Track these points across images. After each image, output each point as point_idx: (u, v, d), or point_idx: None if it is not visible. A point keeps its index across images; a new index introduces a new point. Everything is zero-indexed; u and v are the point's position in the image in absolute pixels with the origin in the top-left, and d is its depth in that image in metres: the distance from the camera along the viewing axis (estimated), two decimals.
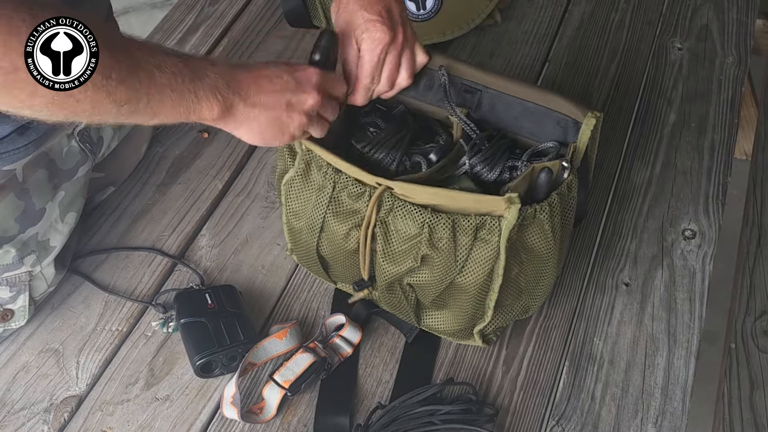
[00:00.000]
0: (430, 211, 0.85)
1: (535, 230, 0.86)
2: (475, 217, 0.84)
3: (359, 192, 0.88)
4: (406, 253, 0.88)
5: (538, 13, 1.47)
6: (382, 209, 0.87)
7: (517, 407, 0.96)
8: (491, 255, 0.85)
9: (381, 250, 0.89)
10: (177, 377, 0.98)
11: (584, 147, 0.90)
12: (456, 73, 0.98)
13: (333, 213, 0.90)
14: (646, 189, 1.19)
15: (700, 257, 1.10)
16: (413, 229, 0.86)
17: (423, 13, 1.36)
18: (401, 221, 0.86)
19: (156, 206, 1.16)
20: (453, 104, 0.96)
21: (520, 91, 0.96)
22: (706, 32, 1.43)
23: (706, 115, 1.29)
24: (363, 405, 0.96)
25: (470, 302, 0.90)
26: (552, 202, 0.86)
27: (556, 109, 0.94)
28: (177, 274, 1.09)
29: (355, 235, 0.90)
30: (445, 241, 0.85)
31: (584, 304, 1.06)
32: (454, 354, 1.00)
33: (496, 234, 0.84)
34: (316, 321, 1.04)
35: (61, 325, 1.03)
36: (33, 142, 0.91)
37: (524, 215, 0.83)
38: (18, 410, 0.96)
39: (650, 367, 1.00)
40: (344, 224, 0.90)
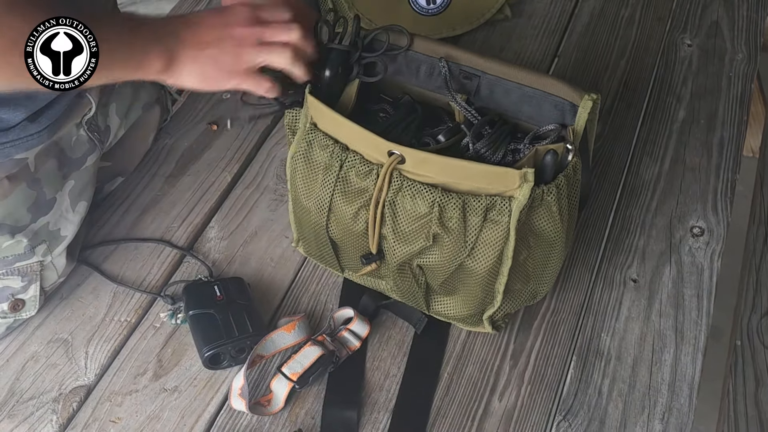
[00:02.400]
0: (441, 191, 0.84)
1: (543, 213, 0.86)
2: (485, 197, 0.84)
3: (367, 170, 0.87)
4: (417, 233, 0.87)
5: (547, 9, 1.46)
6: (390, 189, 0.86)
7: (525, 402, 0.96)
8: (501, 237, 0.85)
9: (391, 230, 0.89)
10: (185, 369, 0.99)
11: (582, 130, 0.90)
12: (455, 60, 0.98)
13: (341, 192, 0.89)
14: (655, 185, 1.19)
15: (708, 254, 1.10)
16: (423, 208, 0.85)
17: (433, 8, 1.36)
18: (410, 201, 0.86)
19: (165, 198, 1.16)
20: (453, 92, 0.96)
21: (518, 76, 0.96)
22: (716, 29, 1.43)
23: (716, 112, 1.29)
24: (371, 398, 0.96)
25: (479, 286, 0.90)
26: (559, 184, 0.85)
27: (553, 93, 0.94)
28: (186, 265, 1.09)
29: (363, 215, 0.90)
30: (455, 221, 0.85)
31: (592, 300, 1.06)
32: (462, 348, 1.01)
33: (506, 215, 0.84)
34: (324, 314, 1.04)
35: (70, 316, 1.03)
36: (46, 129, 0.91)
37: (533, 196, 0.83)
38: (27, 400, 0.96)
39: (657, 363, 1.00)
40: (352, 205, 0.89)
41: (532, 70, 0.96)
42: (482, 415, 0.95)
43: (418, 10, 1.36)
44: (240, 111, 1.27)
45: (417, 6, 1.36)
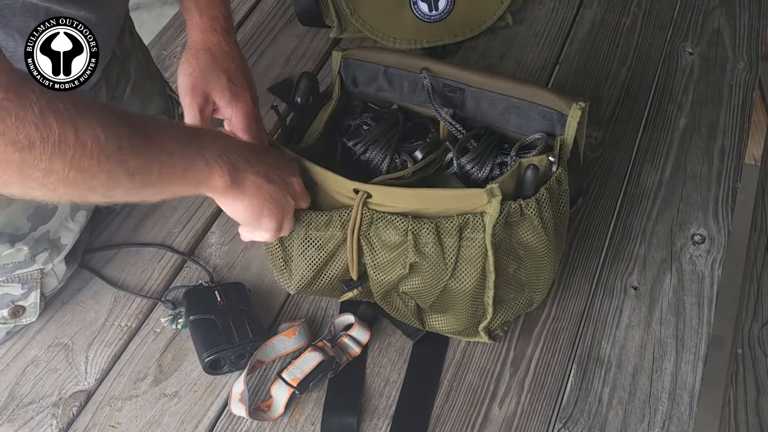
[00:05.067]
0: (411, 218, 0.84)
1: (525, 227, 0.85)
2: (457, 217, 0.84)
3: (326, 220, 0.89)
4: (393, 262, 0.88)
5: (549, 16, 1.47)
6: (363, 223, 0.87)
7: (525, 409, 0.96)
8: (480, 253, 0.85)
9: (369, 261, 0.89)
10: (185, 374, 0.99)
11: (572, 140, 0.90)
12: (437, 74, 0.98)
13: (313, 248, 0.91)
14: (656, 193, 1.19)
15: (708, 262, 1.10)
16: (396, 237, 0.86)
17: (435, 14, 1.37)
18: (384, 231, 0.86)
19: (166, 203, 1.17)
20: (437, 106, 0.96)
21: (503, 87, 0.96)
22: (717, 37, 1.43)
23: (717, 120, 1.29)
24: (371, 405, 0.96)
25: (468, 302, 0.90)
26: (540, 198, 0.85)
27: (540, 103, 0.94)
28: (186, 270, 1.09)
29: (338, 258, 0.91)
30: (431, 246, 0.85)
31: (592, 307, 1.06)
32: (462, 355, 1.01)
33: (480, 231, 0.83)
34: (325, 320, 1.04)
35: (70, 320, 1.04)
36: None
37: (509, 210, 0.83)
38: (27, 404, 0.96)
39: (658, 372, 1.00)
40: (321, 252, 0.91)
41: (518, 80, 0.96)
42: (482, 422, 0.95)
43: (420, 17, 1.37)
44: None
45: (419, 12, 1.36)
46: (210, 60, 0.92)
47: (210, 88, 0.91)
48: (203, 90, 0.91)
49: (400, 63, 1.01)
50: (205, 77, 0.91)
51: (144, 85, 1.13)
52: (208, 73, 0.91)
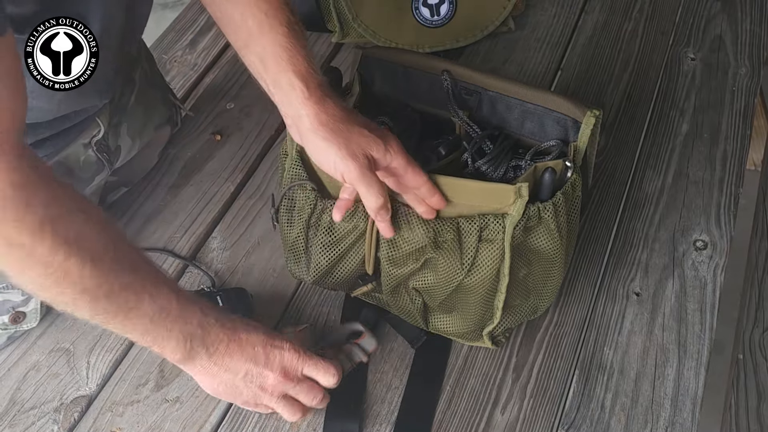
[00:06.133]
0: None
1: (541, 231, 0.86)
2: (478, 218, 0.84)
3: (351, 211, 0.88)
4: (409, 256, 0.88)
5: (551, 21, 1.47)
6: None
7: (527, 415, 0.96)
8: (497, 255, 0.85)
9: (385, 254, 0.89)
10: (187, 379, 0.98)
11: (585, 146, 0.90)
12: (454, 76, 0.98)
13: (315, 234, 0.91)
14: (658, 199, 1.19)
15: (711, 268, 1.10)
16: (416, 232, 0.86)
17: (437, 19, 1.37)
18: (406, 229, 0.86)
19: (168, 208, 1.16)
20: (455, 107, 0.96)
21: (519, 92, 0.96)
22: (719, 43, 1.43)
23: (719, 126, 1.29)
24: (372, 410, 0.96)
25: (478, 304, 0.90)
26: (556, 202, 0.85)
27: (555, 109, 0.94)
28: (188, 275, 1.09)
29: (355, 253, 0.91)
30: (449, 244, 0.85)
31: (595, 313, 1.06)
32: (464, 361, 1.00)
33: (500, 233, 0.84)
34: (327, 325, 1.04)
35: (72, 325, 1.03)
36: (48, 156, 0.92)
37: (528, 214, 0.83)
38: (28, 409, 0.96)
39: (660, 378, 0.99)
40: (343, 243, 0.91)
41: (534, 86, 0.97)
42: (484, 428, 0.95)
43: (422, 22, 1.37)
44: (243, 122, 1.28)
45: (421, 17, 1.36)
46: (339, 125, 0.81)
47: (364, 148, 0.80)
48: (363, 152, 0.80)
49: (419, 63, 1.01)
50: (351, 142, 0.81)
51: (148, 94, 1.12)
52: (352, 136, 0.81)
